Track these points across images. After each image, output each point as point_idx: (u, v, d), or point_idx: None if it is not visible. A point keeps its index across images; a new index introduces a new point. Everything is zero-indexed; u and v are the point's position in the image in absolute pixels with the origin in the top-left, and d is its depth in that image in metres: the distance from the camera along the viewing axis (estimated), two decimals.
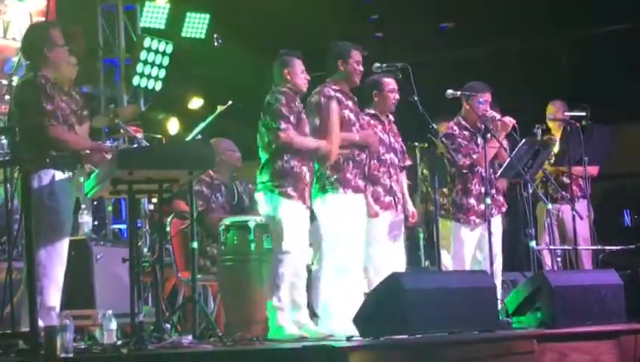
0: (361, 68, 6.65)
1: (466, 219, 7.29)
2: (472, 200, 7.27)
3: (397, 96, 6.96)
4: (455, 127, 7.42)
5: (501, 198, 7.50)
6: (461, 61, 10.72)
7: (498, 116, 7.29)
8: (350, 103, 6.61)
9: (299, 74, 6.37)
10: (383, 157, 6.87)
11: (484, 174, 7.16)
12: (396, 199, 6.90)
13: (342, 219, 6.44)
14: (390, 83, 6.94)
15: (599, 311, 6.19)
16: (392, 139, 6.99)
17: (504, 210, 7.50)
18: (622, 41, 10.42)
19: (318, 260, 6.45)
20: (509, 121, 7.26)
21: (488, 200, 7.04)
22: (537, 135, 7.73)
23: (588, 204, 7.97)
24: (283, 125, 6.18)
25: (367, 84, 6.91)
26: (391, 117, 7.05)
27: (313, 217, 6.47)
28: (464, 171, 7.31)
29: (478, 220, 7.25)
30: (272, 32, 10.37)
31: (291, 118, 6.22)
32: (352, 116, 6.58)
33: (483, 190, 7.22)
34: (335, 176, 6.49)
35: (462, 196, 7.32)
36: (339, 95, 6.55)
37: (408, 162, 7.18)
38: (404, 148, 7.13)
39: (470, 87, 7.39)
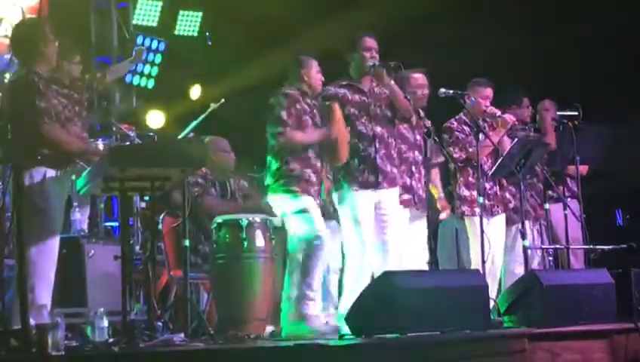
0: None
1: (471, 211, 7.30)
2: (475, 193, 7.25)
3: (426, 91, 7.11)
4: (454, 122, 7.49)
5: (507, 195, 7.52)
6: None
7: (499, 113, 7.32)
8: (357, 97, 6.63)
9: (314, 74, 6.55)
10: (404, 155, 6.87)
11: (484, 167, 7.19)
12: (416, 197, 6.90)
13: (351, 215, 6.48)
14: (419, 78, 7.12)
15: (591, 310, 6.20)
16: (418, 137, 6.99)
17: (511, 206, 7.52)
18: (618, 39, 10.39)
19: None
20: (510, 118, 7.29)
21: (481, 200, 7.05)
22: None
23: (580, 204, 7.98)
24: (281, 129, 6.35)
25: None
26: (421, 113, 7.03)
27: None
28: (461, 165, 7.34)
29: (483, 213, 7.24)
30: (265, 29, 10.38)
31: (290, 121, 6.37)
32: (355, 111, 6.61)
33: (487, 185, 7.27)
34: (341, 173, 6.54)
35: (464, 189, 7.34)
36: (343, 90, 6.60)
37: (440, 158, 7.20)
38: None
39: (472, 82, 7.43)
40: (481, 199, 7.03)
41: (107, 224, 8.67)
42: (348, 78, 6.68)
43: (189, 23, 10.99)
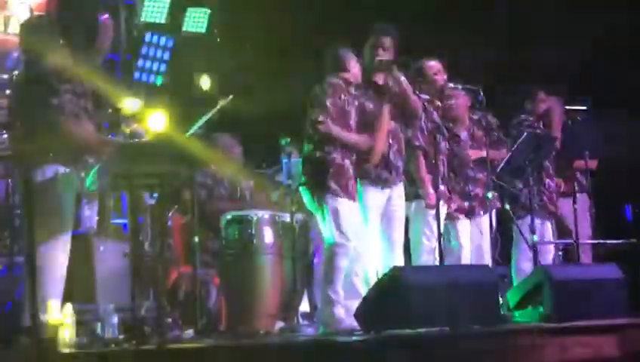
0: None
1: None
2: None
3: (444, 76, 7.05)
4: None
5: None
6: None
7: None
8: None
9: (354, 66, 6.46)
10: (439, 146, 6.85)
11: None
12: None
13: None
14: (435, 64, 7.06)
15: (601, 305, 6.19)
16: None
17: (498, 205, 7.50)
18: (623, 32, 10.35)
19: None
20: None
21: (490, 195, 7.04)
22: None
23: (589, 198, 7.97)
24: (321, 117, 6.22)
25: None
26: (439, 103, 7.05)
27: None
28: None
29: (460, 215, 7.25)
30: (272, 26, 10.38)
31: (332, 109, 6.26)
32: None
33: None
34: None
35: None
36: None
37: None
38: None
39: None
40: (490, 194, 7.03)
41: (116, 221, 8.68)
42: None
43: (197, 19, 10.99)
